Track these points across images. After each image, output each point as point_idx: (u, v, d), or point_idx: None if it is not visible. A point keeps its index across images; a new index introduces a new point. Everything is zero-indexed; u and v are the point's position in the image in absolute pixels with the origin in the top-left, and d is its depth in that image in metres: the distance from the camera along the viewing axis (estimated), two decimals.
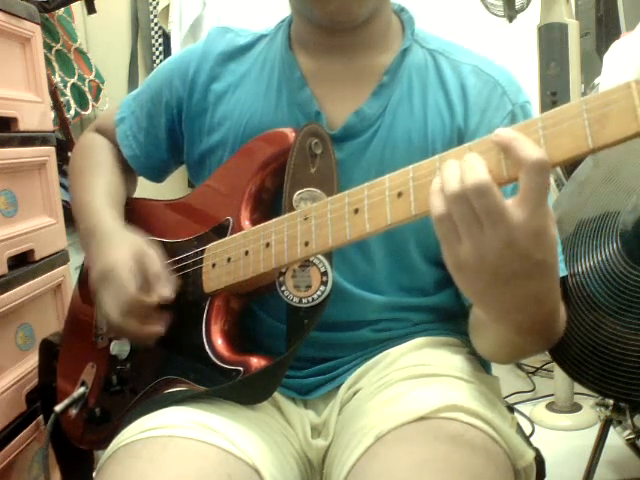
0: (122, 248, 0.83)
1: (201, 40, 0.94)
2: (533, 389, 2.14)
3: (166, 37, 2.61)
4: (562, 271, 0.80)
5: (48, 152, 1.34)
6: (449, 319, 0.86)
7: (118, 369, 0.89)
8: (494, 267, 0.55)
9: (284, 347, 0.76)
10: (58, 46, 2.17)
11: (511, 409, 0.84)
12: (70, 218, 0.99)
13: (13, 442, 1.13)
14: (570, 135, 0.52)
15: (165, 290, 0.81)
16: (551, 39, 1.77)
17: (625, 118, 0.49)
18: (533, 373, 2.24)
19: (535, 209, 0.53)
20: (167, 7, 2.54)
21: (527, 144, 0.52)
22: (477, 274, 0.56)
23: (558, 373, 1.94)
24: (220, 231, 0.83)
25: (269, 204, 0.84)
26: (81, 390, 0.92)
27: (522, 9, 1.83)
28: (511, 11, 1.81)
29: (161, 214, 0.94)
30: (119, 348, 0.88)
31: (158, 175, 1.01)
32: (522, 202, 0.53)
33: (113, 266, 0.81)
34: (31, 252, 1.25)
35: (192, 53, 0.92)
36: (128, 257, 0.82)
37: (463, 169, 0.54)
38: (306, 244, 0.71)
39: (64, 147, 1.92)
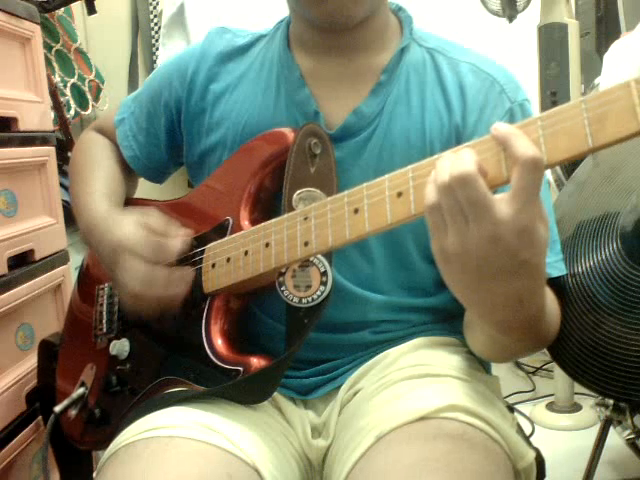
0: (125, 223, 0.83)
1: (200, 41, 0.94)
2: (533, 389, 2.14)
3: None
4: (562, 271, 0.80)
5: (48, 152, 1.34)
6: (449, 320, 0.86)
7: (118, 369, 0.89)
8: (478, 262, 0.55)
9: (284, 347, 0.76)
10: (58, 46, 2.17)
11: (511, 409, 0.84)
12: (70, 218, 0.99)
13: (13, 442, 1.13)
14: (570, 134, 0.52)
15: (176, 242, 0.81)
16: (551, 39, 1.77)
17: (625, 117, 0.49)
18: (533, 373, 2.24)
19: (524, 207, 0.53)
20: None
21: (523, 141, 0.52)
22: (461, 267, 0.56)
23: (558, 373, 1.94)
24: (220, 231, 0.83)
25: (268, 204, 0.83)
26: (80, 391, 0.92)
27: (522, 9, 1.83)
28: (512, 11, 1.80)
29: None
30: (119, 348, 0.88)
31: (158, 176, 1.01)
32: (511, 198, 0.53)
33: (121, 241, 0.81)
34: (31, 252, 1.25)
35: (191, 53, 0.92)
36: (133, 228, 0.82)
37: (453, 160, 0.54)
38: (306, 244, 0.71)
39: (64, 147, 1.91)
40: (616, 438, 1.34)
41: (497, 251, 0.54)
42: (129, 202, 0.98)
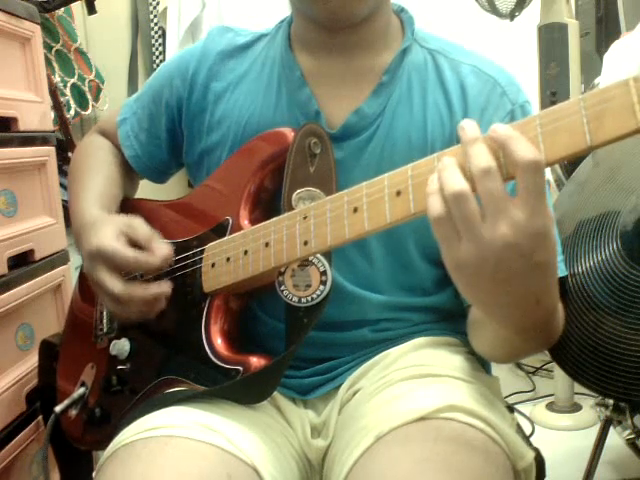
0: (105, 231, 0.82)
1: (201, 39, 0.94)
2: (533, 389, 2.15)
3: (166, 37, 2.61)
4: (562, 271, 0.80)
5: (48, 152, 1.34)
6: (449, 319, 0.86)
7: (118, 369, 0.89)
8: (494, 267, 0.55)
9: (284, 347, 0.76)
10: (58, 46, 2.17)
11: (511, 409, 0.84)
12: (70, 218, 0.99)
13: (13, 442, 1.13)
14: (568, 132, 0.51)
15: (163, 248, 0.80)
16: (551, 39, 1.77)
17: (623, 115, 0.49)
18: (533, 373, 2.24)
19: (535, 209, 0.52)
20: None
21: (521, 144, 0.52)
22: (477, 274, 0.56)
23: (558, 373, 1.94)
24: (219, 231, 0.83)
25: (268, 204, 0.83)
26: (81, 391, 0.92)
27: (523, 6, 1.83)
28: (517, 9, 1.80)
29: (160, 214, 0.93)
30: (119, 348, 0.88)
31: (159, 176, 1.01)
32: (521, 203, 0.53)
33: (99, 250, 0.80)
34: (31, 252, 1.25)
35: (192, 52, 0.92)
36: (111, 238, 0.80)
37: (469, 155, 0.54)
38: (305, 243, 0.70)
39: (64, 147, 1.92)
40: (616, 438, 1.34)
41: (512, 255, 0.54)
42: (129, 203, 0.98)
